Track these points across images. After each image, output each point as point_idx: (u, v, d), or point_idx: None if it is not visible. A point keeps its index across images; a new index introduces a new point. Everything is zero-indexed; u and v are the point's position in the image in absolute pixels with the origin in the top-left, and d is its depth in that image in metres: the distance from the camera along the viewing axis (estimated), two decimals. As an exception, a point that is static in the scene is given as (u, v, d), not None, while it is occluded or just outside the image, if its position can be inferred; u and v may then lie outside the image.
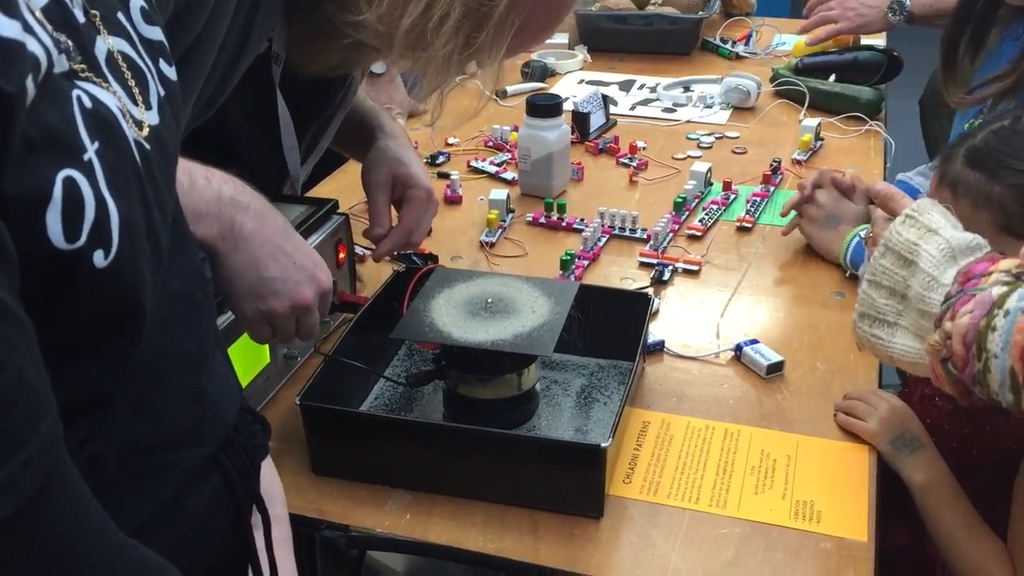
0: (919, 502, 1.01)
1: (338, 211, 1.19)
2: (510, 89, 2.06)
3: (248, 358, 1.01)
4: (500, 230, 1.46)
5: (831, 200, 1.36)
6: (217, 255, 0.88)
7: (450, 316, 1.00)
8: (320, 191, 1.55)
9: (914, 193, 1.41)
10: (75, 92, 0.47)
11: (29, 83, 0.42)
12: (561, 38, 2.37)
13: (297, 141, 1.15)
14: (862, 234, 1.30)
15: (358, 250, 1.32)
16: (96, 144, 0.47)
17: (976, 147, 1.00)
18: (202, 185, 0.85)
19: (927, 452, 1.02)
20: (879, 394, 1.05)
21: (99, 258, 0.47)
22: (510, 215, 1.51)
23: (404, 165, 1.21)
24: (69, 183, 0.45)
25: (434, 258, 1.34)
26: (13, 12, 0.41)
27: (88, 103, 0.48)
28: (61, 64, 0.46)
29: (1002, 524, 1.00)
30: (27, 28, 0.42)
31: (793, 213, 1.40)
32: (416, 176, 1.21)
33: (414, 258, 1.32)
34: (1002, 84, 1.18)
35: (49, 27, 0.45)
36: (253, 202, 0.90)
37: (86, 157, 0.46)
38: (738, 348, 1.16)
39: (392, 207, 1.22)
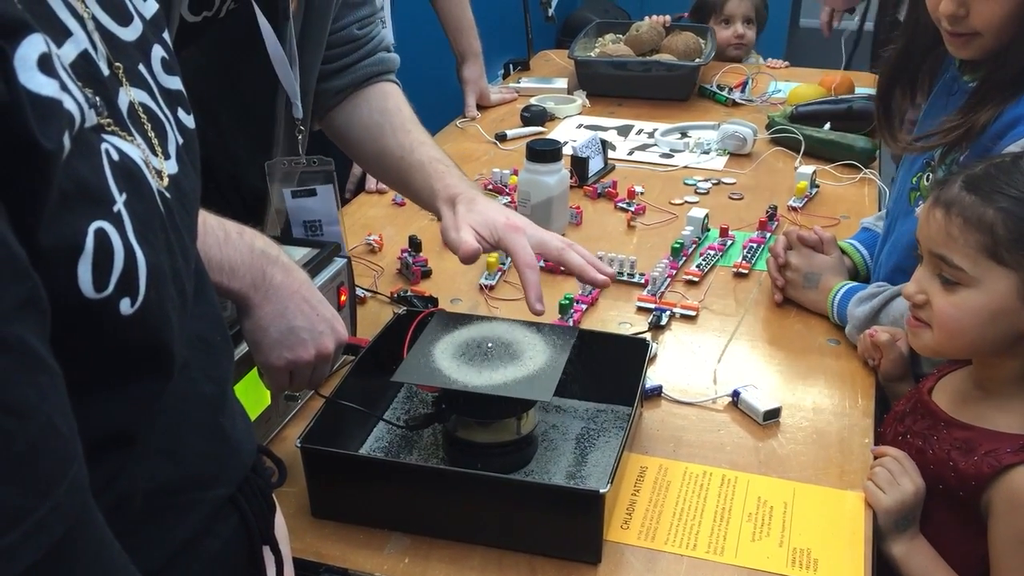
0: (901, 570, 1.02)
1: (340, 254, 1.20)
2: (509, 133, 2.08)
3: (249, 399, 1.02)
4: (499, 273, 1.47)
5: (804, 261, 1.37)
6: (249, 305, 0.91)
7: (450, 360, 1.01)
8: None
9: (875, 240, 1.43)
10: (103, 145, 0.49)
11: (65, 139, 0.44)
12: (560, 83, 2.41)
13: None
14: (844, 288, 1.32)
15: (358, 292, 1.33)
16: (124, 195, 0.49)
17: (975, 174, 1.02)
18: (235, 239, 0.89)
19: (914, 528, 1.03)
20: (909, 471, 1.03)
21: (125, 306, 0.48)
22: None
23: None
24: (100, 234, 0.46)
25: (434, 301, 1.35)
26: (51, 71, 0.43)
27: (115, 156, 0.50)
28: (91, 119, 0.48)
29: (965, 556, 1.02)
30: (63, 87, 0.44)
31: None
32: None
33: (414, 301, 1.34)
34: (951, 135, 1.20)
35: (79, 83, 0.47)
36: (281, 255, 0.93)
37: (115, 208, 0.48)
38: (735, 394, 1.17)
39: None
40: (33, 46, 0.42)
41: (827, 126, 1.96)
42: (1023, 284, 0.98)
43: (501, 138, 2.07)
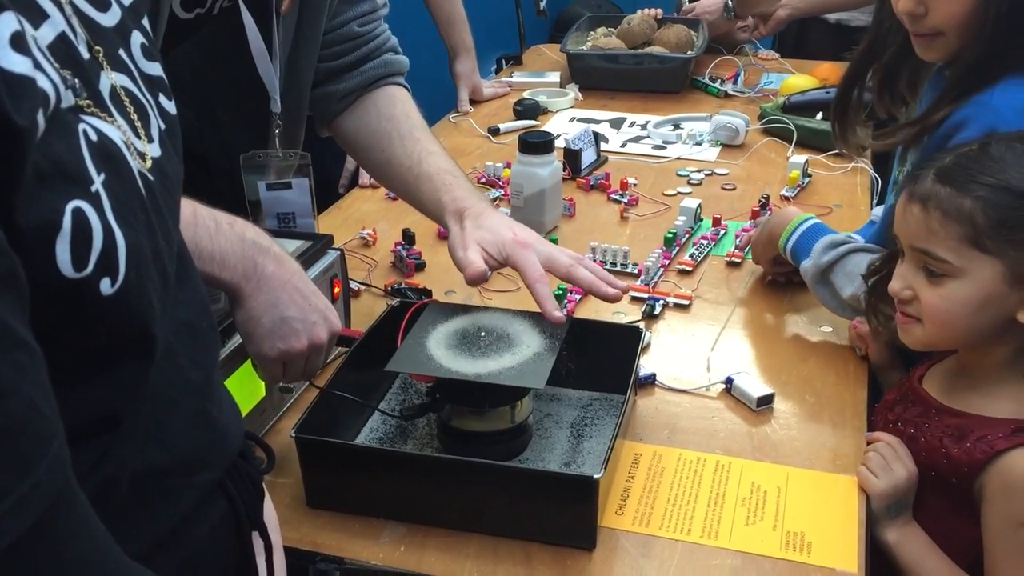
0: (895, 556, 1.02)
1: (333, 246, 1.20)
2: (502, 126, 2.09)
3: (244, 391, 1.02)
4: (493, 265, 1.47)
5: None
6: (241, 296, 0.90)
7: (444, 350, 1.01)
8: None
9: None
10: (81, 126, 0.49)
11: (40, 117, 0.44)
12: (553, 76, 2.41)
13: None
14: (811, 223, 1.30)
15: (353, 285, 1.33)
16: (103, 176, 0.49)
17: (946, 166, 1.02)
18: (227, 229, 0.88)
19: (907, 513, 1.03)
20: (901, 456, 1.04)
21: (106, 286, 0.48)
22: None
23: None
24: (78, 214, 0.46)
25: (427, 292, 1.36)
26: (24, 50, 0.43)
27: (94, 136, 0.49)
28: (67, 99, 0.48)
29: (957, 542, 1.02)
30: (37, 65, 0.44)
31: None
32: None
33: (408, 293, 1.34)
34: (908, 133, 1.19)
35: (56, 64, 0.47)
36: (272, 246, 0.93)
37: (93, 188, 0.48)
38: (728, 381, 1.17)
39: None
40: (5, 24, 0.42)
41: (819, 116, 1.96)
42: (1008, 269, 0.98)
43: (494, 132, 2.07)
